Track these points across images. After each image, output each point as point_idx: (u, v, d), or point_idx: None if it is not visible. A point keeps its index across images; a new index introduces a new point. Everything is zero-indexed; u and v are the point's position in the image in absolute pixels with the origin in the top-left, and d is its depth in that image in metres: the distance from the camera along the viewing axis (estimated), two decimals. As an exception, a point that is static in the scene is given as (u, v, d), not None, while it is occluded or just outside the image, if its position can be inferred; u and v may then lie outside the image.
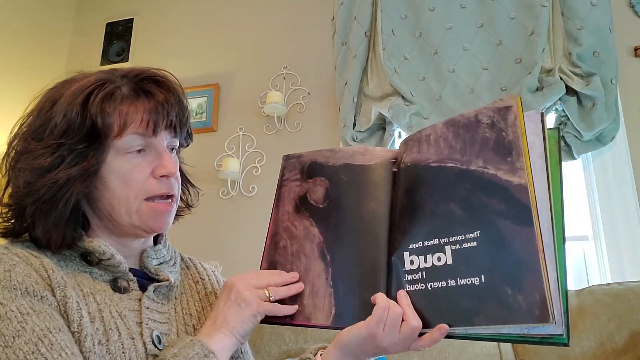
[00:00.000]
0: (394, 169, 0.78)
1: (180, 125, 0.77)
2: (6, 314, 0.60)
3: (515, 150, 0.66)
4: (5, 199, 0.73)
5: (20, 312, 0.61)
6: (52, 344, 0.59)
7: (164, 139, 0.75)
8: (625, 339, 1.41)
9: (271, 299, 0.73)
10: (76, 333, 0.63)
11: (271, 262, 0.80)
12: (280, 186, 0.85)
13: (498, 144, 0.68)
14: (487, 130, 0.69)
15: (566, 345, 0.59)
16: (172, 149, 0.78)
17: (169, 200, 0.76)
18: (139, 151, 0.73)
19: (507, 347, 1.55)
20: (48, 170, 0.69)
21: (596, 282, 1.84)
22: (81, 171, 0.70)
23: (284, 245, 0.80)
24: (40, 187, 0.69)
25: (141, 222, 0.74)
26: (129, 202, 0.73)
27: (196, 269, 0.90)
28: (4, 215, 0.74)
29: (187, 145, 0.85)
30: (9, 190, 0.73)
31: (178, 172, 0.78)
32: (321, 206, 0.80)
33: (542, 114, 0.67)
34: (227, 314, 0.71)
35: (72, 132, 0.70)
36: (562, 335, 0.59)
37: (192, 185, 0.89)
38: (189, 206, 0.88)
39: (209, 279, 0.89)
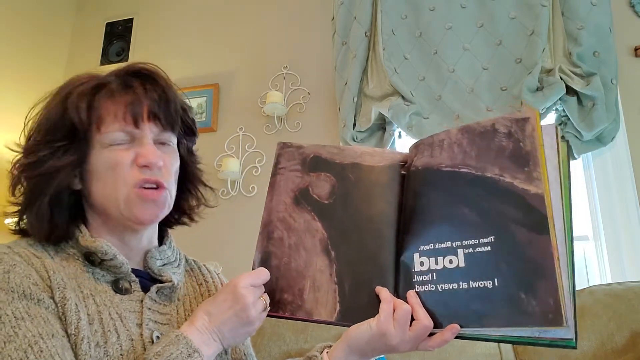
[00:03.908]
0: (403, 172, 0.79)
1: (165, 117, 0.76)
2: (0, 317, 0.61)
3: (533, 160, 0.67)
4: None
5: (14, 317, 0.61)
6: (41, 351, 0.59)
7: (149, 131, 0.75)
8: (626, 339, 1.41)
9: (268, 307, 0.73)
10: (73, 335, 0.63)
11: (265, 252, 0.79)
12: (275, 174, 0.84)
13: (515, 153, 0.69)
14: (504, 139, 0.71)
15: (574, 348, 0.61)
16: (165, 144, 0.77)
17: (158, 189, 0.75)
18: (125, 144, 0.74)
19: (507, 347, 1.55)
20: (35, 165, 0.72)
21: (596, 282, 1.84)
22: (64, 163, 0.72)
23: (279, 236, 0.79)
24: (29, 180, 0.73)
25: (129, 212, 0.73)
26: (117, 189, 0.72)
27: (200, 271, 0.90)
28: (12, 215, 0.76)
29: (192, 143, 0.85)
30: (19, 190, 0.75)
31: (172, 166, 0.77)
32: (326, 202, 0.80)
33: (556, 128, 0.69)
34: (225, 322, 0.69)
35: (54, 130, 0.73)
36: (572, 339, 0.61)
37: (205, 185, 0.88)
38: (198, 205, 0.88)
39: (213, 282, 0.89)
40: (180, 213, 0.87)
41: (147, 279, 0.77)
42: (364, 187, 0.79)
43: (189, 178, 0.85)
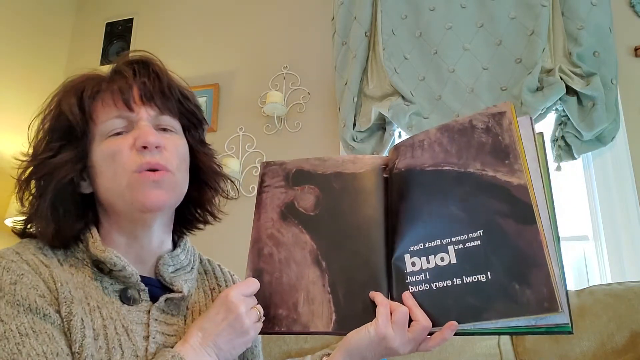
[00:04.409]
0: (385, 175, 0.80)
1: (160, 99, 0.74)
2: (5, 332, 0.60)
3: (513, 153, 0.69)
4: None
5: (19, 333, 0.60)
6: None
7: (145, 114, 0.73)
8: (626, 339, 1.41)
9: (262, 317, 0.72)
10: (77, 354, 0.62)
11: (257, 270, 0.78)
12: (260, 192, 0.84)
13: (495, 147, 0.71)
14: (483, 134, 0.72)
15: (571, 332, 0.62)
16: (167, 130, 0.75)
17: (160, 171, 0.71)
18: (122, 133, 0.72)
19: (507, 346, 1.55)
20: (37, 168, 0.72)
21: (596, 282, 1.84)
22: (63, 161, 0.71)
23: (269, 252, 0.79)
24: (36, 180, 0.72)
25: (133, 199, 0.70)
26: (117, 177, 0.70)
27: (214, 274, 0.87)
28: (20, 222, 0.76)
29: (202, 132, 0.82)
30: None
31: (177, 151, 0.74)
32: (312, 213, 0.80)
33: (531, 119, 0.71)
34: (220, 334, 0.68)
35: (53, 131, 0.73)
36: (567, 323, 0.62)
37: (222, 176, 0.84)
38: (215, 196, 0.84)
39: (226, 286, 0.86)
40: (201, 208, 0.84)
41: (158, 286, 0.75)
42: (348, 195, 0.80)
43: (203, 169, 0.81)
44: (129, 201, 0.70)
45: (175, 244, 0.82)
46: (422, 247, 0.71)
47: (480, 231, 0.68)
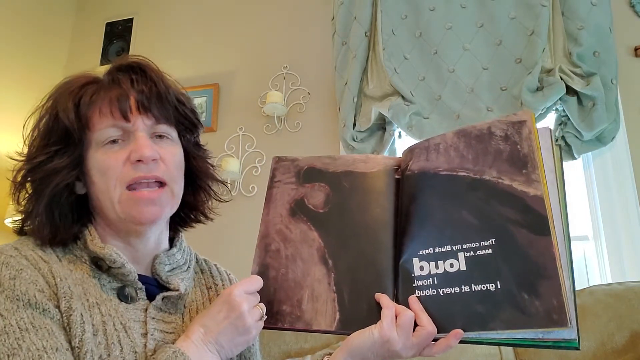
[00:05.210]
0: (397, 176, 0.79)
1: (158, 108, 0.74)
2: (4, 327, 0.60)
3: (531, 163, 0.68)
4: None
5: (19, 328, 0.60)
6: None
7: (142, 124, 0.72)
8: (626, 339, 1.42)
9: (264, 316, 0.72)
10: (77, 348, 0.63)
11: (263, 265, 0.78)
12: (270, 187, 0.84)
13: (513, 156, 0.70)
14: (501, 142, 0.71)
15: (577, 349, 0.61)
16: (163, 137, 0.75)
17: (155, 188, 0.72)
18: (118, 141, 0.72)
19: (507, 347, 1.55)
20: (33, 171, 0.72)
21: (596, 282, 1.85)
22: (60, 167, 0.71)
23: (276, 248, 0.79)
24: (31, 182, 0.72)
25: (125, 214, 0.71)
26: (109, 192, 0.70)
27: (210, 273, 0.88)
28: (17, 221, 0.76)
29: (197, 135, 0.82)
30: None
31: (174, 161, 0.75)
32: (321, 211, 0.80)
33: (550, 130, 0.70)
34: (222, 332, 0.68)
35: (49, 134, 0.72)
36: (575, 339, 0.61)
37: (215, 180, 0.84)
38: (209, 200, 0.85)
39: (223, 285, 0.87)
40: (195, 211, 0.85)
41: (155, 285, 0.76)
42: (358, 194, 0.80)
43: (197, 173, 0.82)
44: (122, 216, 0.71)
45: (171, 241, 0.82)
46: (432, 251, 0.71)
47: (493, 239, 0.67)
